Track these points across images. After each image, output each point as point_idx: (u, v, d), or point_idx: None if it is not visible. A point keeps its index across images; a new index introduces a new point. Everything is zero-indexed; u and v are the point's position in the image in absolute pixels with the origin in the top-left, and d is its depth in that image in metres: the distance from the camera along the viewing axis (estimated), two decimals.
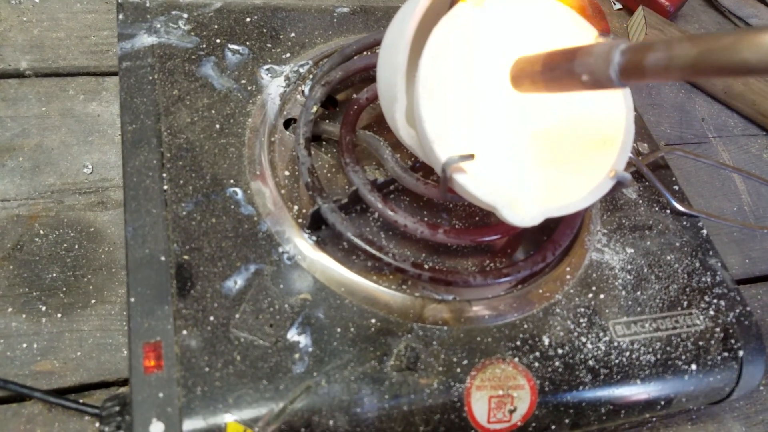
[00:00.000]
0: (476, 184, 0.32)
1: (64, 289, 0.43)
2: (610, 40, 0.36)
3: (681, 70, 0.25)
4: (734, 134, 0.73)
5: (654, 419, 0.47)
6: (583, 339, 0.38)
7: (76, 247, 0.45)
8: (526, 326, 0.38)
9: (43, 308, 0.42)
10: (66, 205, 0.47)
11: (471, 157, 0.32)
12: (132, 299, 0.32)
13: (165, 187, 0.37)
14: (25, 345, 0.40)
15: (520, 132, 0.36)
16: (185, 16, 0.46)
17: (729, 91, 0.72)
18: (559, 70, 0.31)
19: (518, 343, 0.37)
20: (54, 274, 0.44)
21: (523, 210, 0.33)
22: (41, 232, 0.45)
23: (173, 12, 0.46)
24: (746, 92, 0.71)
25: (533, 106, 0.37)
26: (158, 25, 0.45)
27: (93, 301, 0.43)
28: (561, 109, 0.37)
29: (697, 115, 0.73)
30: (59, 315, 0.42)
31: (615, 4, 0.80)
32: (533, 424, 0.36)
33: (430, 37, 0.33)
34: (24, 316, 0.41)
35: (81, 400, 0.38)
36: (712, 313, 0.42)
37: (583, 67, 0.29)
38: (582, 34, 0.36)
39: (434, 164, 0.34)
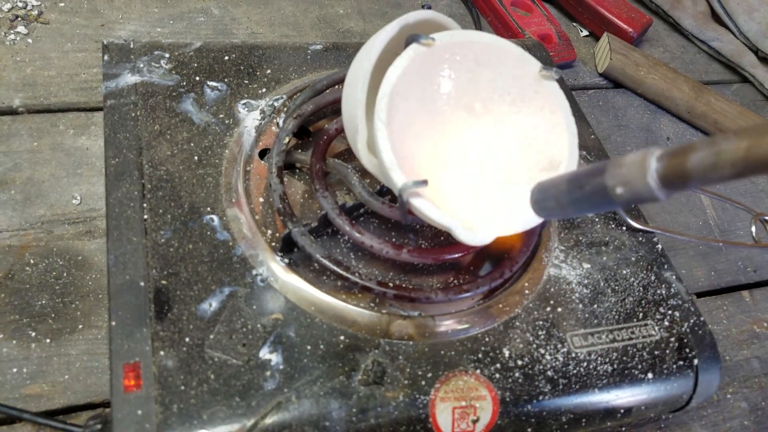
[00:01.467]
0: (430, 207, 0.35)
1: (53, 315, 0.45)
2: (553, 71, 0.39)
3: (732, 167, 0.23)
4: None
5: (623, 428, 0.49)
6: (542, 350, 0.41)
7: (65, 274, 0.48)
8: (487, 339, 0.40)
9: (33, 334, 0.44)
10: (55, 235, 0.49)
11: (424, 182, 0.35)
12: (113, 323, 0.35)
13: (145, 217, 0.40)
14: (15, 369, 0.42)
15: (473, 157, 0.39)
16: (167, 55, 0.49)
17: (692, 111, 0.75)
18: (588, 187, 0.28)
19: (480, 355, 0.39)
20: (43, 301, 0.46)
21: (476, 229, 0.36)
22: (32, 261, 0.48)
23: (156, 52, 0.49)
24: (708, 112, 0.75)
25: (487, 135, 0.40)
26: (141, 65, 0.48)
27: (80, 326, 0.45)
28: (510, 135, 0.40)
29: (662, 134, 0.76)
30: (48, 340, 0.44)
31: (582, 31, 0.84)
32: None
33: (386, 75, 0.36)
34: (14, 341, 0.43)
35: (68, 421, 0.40)
36: (667, 323, 0.45)
37: (615, 179, 0.27)
38: (524, 64, 0.39)
39: (394, 189, 0.37)
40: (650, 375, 0.42)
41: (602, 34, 0.79)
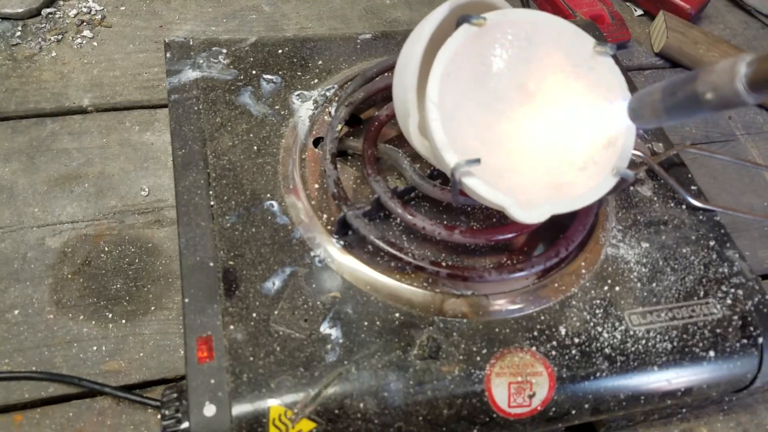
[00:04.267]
0: (483, 186, 0.36)
1: (127, 298, 0.48)
2: (607, 46, 0.39)
3: None
4: (763, 131, 0.73)
5: (684, 410, 0.49)
6: (599, 328, 0.41)
7: (137, 261, 0.51)
8: (543, 318, 0.41)
9: (110, 315, 0.47)
10: (127, 225, 0.53)
11: (477, 161, 0.35)
12: (186, 300, 0.37)
13: (212, 203, 0.42)
14: (95, 348, 0.45)
15: (529, 135, 0.39)
16: (224, 51, 0.51)
17: None
18: (681, 93, 0.30)
19: (535, 333, 0.40)
20: (118, 285, 0.49)
21: (530, 207, 0.36)
22: (106, 248, 0.51)
23: (213, 48, 0.51)
24: None
25: (542, 113, 0.40)
26: (201, 61, 0.50)
27: (153, 308, 0.48)
28: (565, 113, 0.40)
29: (723, 113, 0.74)
30: (124, 321, 0.47)
31: (636, 10, 0.82)
32: (554, 409, 0.39)
33: (437, 55, 0.37)
34: (93, 322, 0.47)
35: (144, 395, 0.43)
36: (729, 302, 0.44)
37: (706, 85, 0.28)
38: (578, 41, 0.39)
39: (446, 170, 0.37)
40: (712, 353, 0.42)
41: (657, 13, 0.77)
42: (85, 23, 0.67)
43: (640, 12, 0.82)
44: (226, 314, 0.37)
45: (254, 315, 0.37)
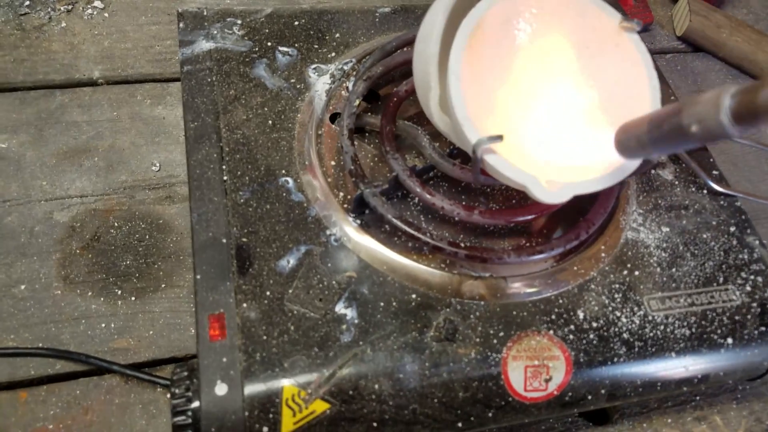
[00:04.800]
0: (505, 164, 0.35)
1: (137, 275, 0.48)
2: (634, 22, 0.37)
3: None
4: None
5: (697, 397, 0.48)
6: (618, 313, 0.40)
7: (147, 237, 0.50)
8: (561, 301, 0.40)
9: (119, 292, 0.47)
10: (137, 200, 0.52)
11: (500, 138, 0.34)
12: (198, 276, 0.36)
13: (225, 178, 0.41)
14: (103, 325, 0.45)
15: (552, 113, 0.38)
16: (239, 22, 0.50)
17: None
18: (666, 126, 0.30)
19: (553, 317, 0.39)
20: (128, 262, 0.48)
21: (553, 187, 0.35)
22: (116, 224, 0.50)
23: (228, 19, 0.50)
24: None
25: (567, 89, 0.39)
26: (215, 32, 0.49)
27: (163, 286, 0.48)
28: (590, 89, 0.39)
29: None
30: (133, 298, 0.46)
31: None
32: (570, 394, 0.38)
33: (460, 27, 0.36)
34: (102, 299, 0.46)
35: (154, 374, 0.43)
36: (749, 288, 0.43)
37: (691, 117, 0.28)
38: (604, 16, 0.38)
39: (466, 147, 0.36)
40: (730, 340, 0.41)
41: None
42: None
43: None
44: (239, 292, 0.36)
45: (268, 293, 0.36)
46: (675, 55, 0.74)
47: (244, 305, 0.36)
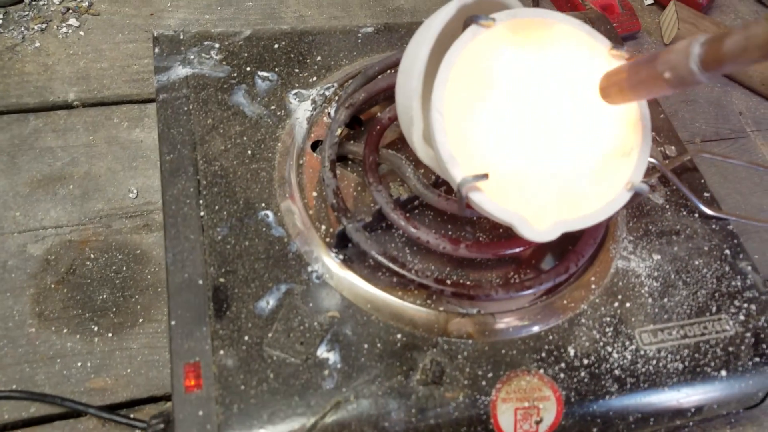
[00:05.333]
0: (491, 203, 0.33)
1: (114, 309, 0.46)
2: (623, 50, 0.36)
3: (759, 50, 0.26)
4: None
5: (691, 423, 0.47)
6: (609, 348, 0.39)
7: (124, 269, 0.48)
8: (551, 337, 0.39)
9: (96, 328, 0.45)
10: (114, 229, 0.50)
11: (485, 176, 0.33)
12: (173, 322, 0.35)
13: (202, 213, 0.40)
14: (79, 364, 0.43)
15: (538, 147, 0.37)
16: (217, 45, 0.48)
17: (767, 83, 0.70)
18: (643, 72, 0.32)
19: (543, 354, 0.38)
20: (104, 296, 0.47)
21: (540, 225, 0.34)
22: (92, 255, 0.49)
23: (205, 42, 0.48)
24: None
25: (553, 121, 0.38)
26: (192, 56, 0.47)
27: (141, 320, 0.46)
28: (578, 120, 0.38)
29: (734, 109, 0.71)
30: (110, 334, 0.45)
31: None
32: None
33: (443, 60, 0.34)
34: (78, 336, 0.45)
35: (131, 415, 0.41)
36: (742, 317, 0.42)
37: (665, 64, 0.30)
38: (594, 45, 0.37)
39: (452, 183, 0.35)
40: (724, 372, 0.40)
41: (668, 3, 0.74)
42: (71, 11, 0.63)
43: (650, 1, 0.79)
44: (216, 338, 0.35)
45: (246, 338, 0.35)
46: None
47: (221, 352, 0.34)
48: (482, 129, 0.36)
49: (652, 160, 0.45)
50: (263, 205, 0.41)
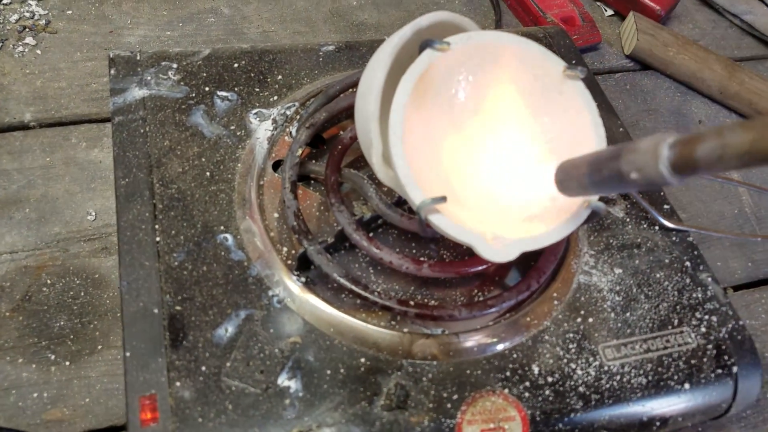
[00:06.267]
0: (450, 224, 0.33)
1: (72, 336, 0.45)
2: (578, 70, 0.36)
3: (738, 159, 0.23)
4: None
5: None
6: (573, 365, 0.39)
7: (82, 294, 0.47)
8: (515, 356, 0.39)
9: (52, 357, 0.44)
10: (71, 253, 0.49)
11: (443, 199, 0.33)
12: (128, 353, 0.34)
13: (158, 239, 0.39)
14: (35, 394, 0.42)
15: (495, 166, 0.37)
16: (174, 66, 0.47)
17: (725, 92, 0.72)
18: (606, 171, 0.30)
19: (508, 373, 0.38)
20: (62, 323, 0.45)
21: (499, 245, 0.34)
22: (48, 281, 0.47)
23: (163, 63, 0.47)
24: (742, 92, 0.71)
25: (509, 141, 0.38)
26: (149, 77, 0.46)
27: (99, 347, 0.45)
28: (535, 139, 0.38)
29: (694, 117, 0.73)
30: (67, 363, 0.44)
31: (606, 10, 0.80)
32: None
33: (399, 85, 0.34)
34: (34, 365, 0.43)
35: None
36: (703, 329, 0.42)
37: (630, 164, 0.28)
38: (549, 66, 0.37)
39: (411, 205, 0.35)
40: (687, 385, 0.40)
41: (627, 14, 0.75)
42: (27, 29, 0.62)
43: (610, 12, 0.80)
44: (172, 369, 0.34)
45: (203, 369, 0.34)
46: (624, 74, 0.74)
47: (178, 384, 0.33)
48: (440, 151, 0.36)
49: None
50: (222, 228, 0.41)
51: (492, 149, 0.37)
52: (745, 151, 0.23)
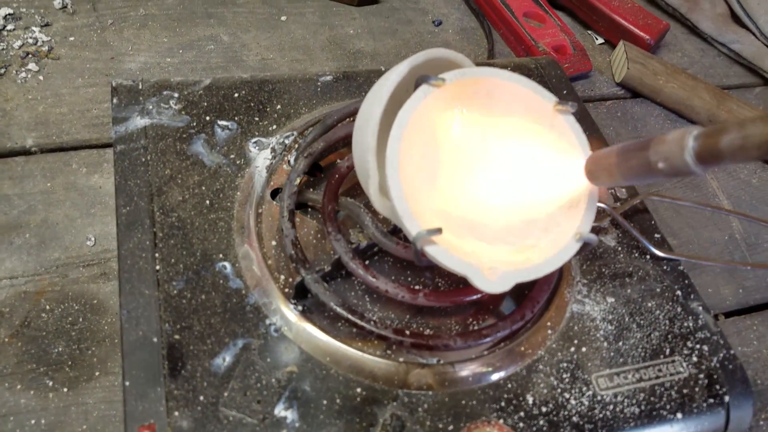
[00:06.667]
0: (446, 255, 0.34)
1: (70, 362, 0.45)
2: (568, 105, 0.37)
3: (758, 149, 0.26)
4: None
5: None
6: (567, 395, 0.39)
7: (81, 320, 0.47)
8: (510, 385, 0.39)
9: (50, 383, 0.44)
10: (70, 279, 0.49)
11: (439, 231, 0.34)
12: (127, 383, 0.34)
13: (158, 267, 0.39)
14: (33, 421, 0.42)
15: (490, 198, 0.38)
16: (176, 95, 0.48)
17: (714, 119, 0.73)
18: (635, 160, 0.32)
19: (503, 403, 0.38)
20: (60, 348, 0.46)
21: (494, 276, 0.35)
22: (47, 307, 0.48)
23: (165, 92, 0.48)
24: (731, 119, 0.72)
25: (502, 173, 0.39)
26: (150, 106, 0.47)
27: (97, 374, 0.45)
28: (527, 172, 0.39)
29: None
30: (65, 389, 0.44)
31: (597, 38, 0.82)
32: None
33: (396, 118, 0.35)
34: (32, 392, 0.43)
35: None
36: (695, 359, 0.43)
37: (658, 155, 0.30)
38: (540, 101, 0.38)
39: (408, 236, 0.36)
40: (679, 415, 0.41)
41: (618, 42, 0.77)
42: (30, 55, 0.63)
43: (601, 41, 0.82)
44: (171, 398, 0.34)
45: (201, 398, 0.35)
46: (615, 102, 0.76)
47: (176, 413, 0.34)
48: (436, 183, 0.37)
49: (602, 205, 0.47)
50: (221, 256, 0.41)
51: (486, 180, 0.38)
52: (765, 141, 0.25)
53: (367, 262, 0.41)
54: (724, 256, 0.63)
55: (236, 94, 0.50)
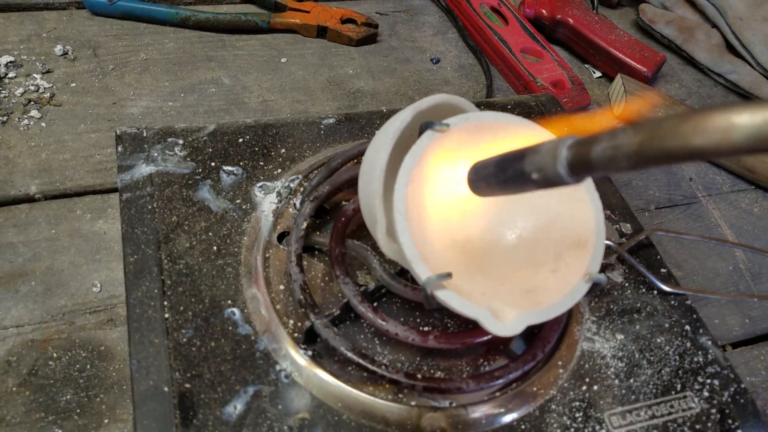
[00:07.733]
0: (457, 299, 0.34)
1: (78, 410, 0.45)
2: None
3: (627, 159, 0.24)
4: (723, 191, 0.74)
5: None
6: None
7: (88, 367, 0.47)
8: (523, 427, 0.39)
9: None
10: (77, 326, 0.49)
11: (449, 275, 0.34)
12: None
13: (166, 315, 0.39)
14: None
15: (498, 240, 0.38)
16: (181, 142, 0.49)
17: None
18: (511, 170, 0.31)
19: None
20: (68, 396, 0.45)
21: (505, 319, 0.35)
22: (54, 354, 0.47)
23: (169, 139, 0.49)
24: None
25: (509, 214, 0.39)
26: (155, 154, 0.48)
27: (106, 421, 0.45)
28: (534, 213, 0.39)
29: (684, 175, 0.75)
30: None
31: (595, 72, 0.84)
32: None
33: (402, 164, 0.35)
34: None
35: None
36: (706, 394, 0.43)
37: (532, 165, 0.29)
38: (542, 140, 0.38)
39: (417, 281, 0.36)
40: None
41: (615, 75, 0.78)
42: (32, 102, 0.64)
43: (598, 74, 0.84)
44: None
45: None
46: None
47: None
48: (444, 225, 0.37)
49: (608, 242, 0.47)
50: (229, 302, 0.41)
51: (494, 223, 0.38)
52: (634, 152, 0.24)
53: (375, 304, 0.41)
54: (729, 287, 0.64)
55: (240, 139, 0.50)
